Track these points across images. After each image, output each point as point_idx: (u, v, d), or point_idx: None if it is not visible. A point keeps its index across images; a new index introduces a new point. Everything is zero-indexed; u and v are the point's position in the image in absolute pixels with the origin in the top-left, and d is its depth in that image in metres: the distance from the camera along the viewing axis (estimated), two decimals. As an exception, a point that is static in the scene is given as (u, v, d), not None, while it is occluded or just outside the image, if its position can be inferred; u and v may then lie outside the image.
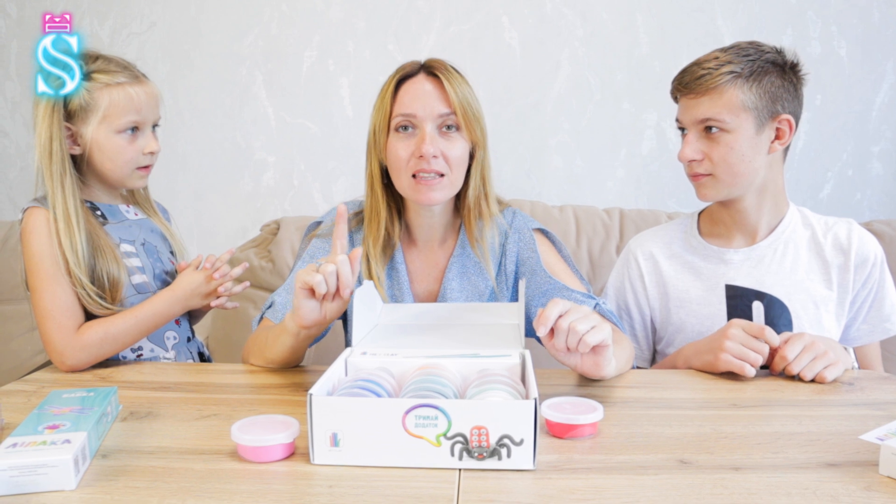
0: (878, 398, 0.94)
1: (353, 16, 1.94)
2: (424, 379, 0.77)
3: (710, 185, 1.16)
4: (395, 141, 1.10)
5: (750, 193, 1.18)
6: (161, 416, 0.87)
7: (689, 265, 1.25)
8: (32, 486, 0.65)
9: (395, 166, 1.10)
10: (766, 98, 1.11)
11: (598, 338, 0.82)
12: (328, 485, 0.67)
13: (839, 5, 1.88)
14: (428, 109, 1.08)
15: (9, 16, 2.01)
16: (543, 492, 0.66)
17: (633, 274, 1.29)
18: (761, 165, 1.15)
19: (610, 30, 1.92)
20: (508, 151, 1.96)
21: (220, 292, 1.17)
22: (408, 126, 1.09)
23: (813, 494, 0.65)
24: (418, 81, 1.10)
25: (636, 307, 1.29)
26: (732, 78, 1.10)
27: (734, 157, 1.12)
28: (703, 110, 1.12)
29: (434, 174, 1.08)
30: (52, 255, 1.07)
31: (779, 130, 1.14)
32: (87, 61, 1.10)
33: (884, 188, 1.96)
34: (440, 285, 1.20)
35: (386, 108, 1.10)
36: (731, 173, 1.14)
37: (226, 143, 2.01)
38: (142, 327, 1.12)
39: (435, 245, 1.22)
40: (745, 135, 1.11)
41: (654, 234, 1.32)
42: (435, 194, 1.09)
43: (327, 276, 0.87)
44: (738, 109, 1.10)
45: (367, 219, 1.18)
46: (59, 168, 1.08)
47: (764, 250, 1.21)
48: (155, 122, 1.18)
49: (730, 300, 1.20)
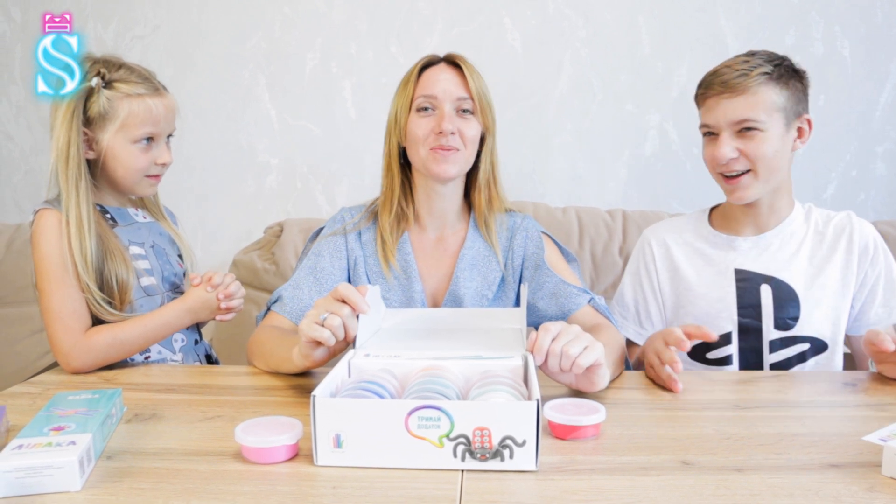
0: (882, 399, 0.94)
1: (356, 18, 1.95)
2: (427, 380, 0.78)
3: (748, 183, 1.21)
4: (416, 119, 1.18)
5: (767, 194, 1.24)
6: (165, 417, 0.87)
7: (699, 252, 1.31)
8: (38, 487, 0.65)
9: (414, 141, 1.18)
10: (793, 99, 1.18)
11: (590, 359, 0.85)
12: (331, 486, 0.67)
13: (842, 5, 1.88)
14: (448, 92, 1.17)
15: (13, 20, 2.02)
16: (546, 493, 0.66)
17: (648, 259, 1.35)
18: (788, 163, 1.22)
19: (612, 30, 1.92)
20: (511, 152, 1.95)
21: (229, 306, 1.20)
22: (428, 107, 1.18)
23: (815, 495, 0.65)
24: (440, 69, 1.20)
25: (651, 292, 1.34)
26: (766, 79, 1.16)
27: (769, 153, 1.18)
28: (741, 111, 1.17)
29: (451, 149, 1.16)
30: (62, 257, 1.08)
31: (800, 130, 1.21)
32: (109, 69, 1.11)
33: (887, 188, 1.96)
34: (451, 274, 1.23)
35: (409, 90, 1.19)
36: (769, 169, 1.19)
37: (229, 146, 2.02)
38: (149, 336, 1.13)
39: (445, 233, 1.26)
40: (777, 133, 1.18)
41: (666, 224, 1.40)
42: (450, 167, 1.17)
43: (335, 331, 0.86)
44: (771, 109, 1.17)
45: (384, 201, 1.24)
46: (74, 172, 1.09)
47: (771, 239, 1.27)
48: (170, 133, 1.19)
49: (739, 283, 1.26)
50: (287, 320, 1.16)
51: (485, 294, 1.23)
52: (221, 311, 1.19)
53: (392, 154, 1.23)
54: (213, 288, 1.17)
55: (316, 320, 0.87)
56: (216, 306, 1.18)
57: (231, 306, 1.19)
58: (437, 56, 1.22)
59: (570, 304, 1.17)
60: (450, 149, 1.16)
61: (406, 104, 1.19)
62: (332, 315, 0.87)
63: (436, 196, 1.23)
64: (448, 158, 1.16)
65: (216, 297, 1.17)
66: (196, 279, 1.19)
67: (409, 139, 1.19)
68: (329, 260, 1.22)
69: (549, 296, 1.19)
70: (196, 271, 1.31)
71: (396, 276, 1.22)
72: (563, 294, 1.18)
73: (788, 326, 1.24)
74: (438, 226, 1.26)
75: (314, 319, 0.87)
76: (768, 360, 1.24)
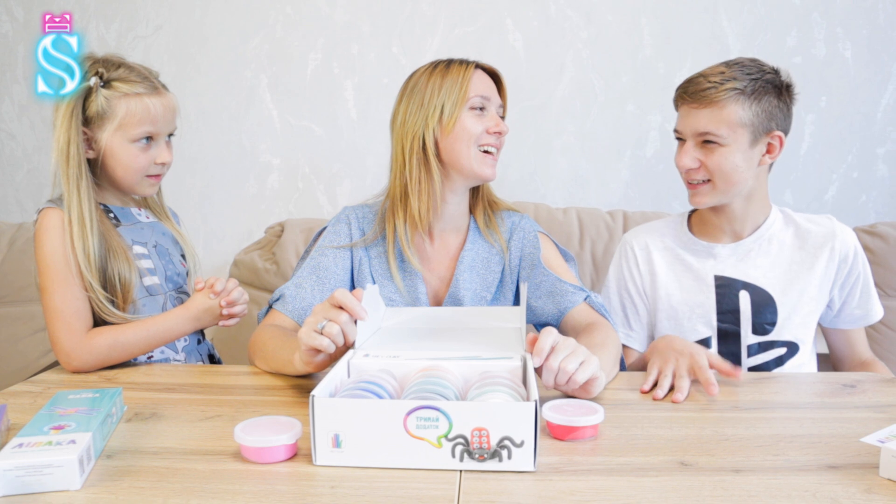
0: (880, 401, 0.94)
1: (358, 19, 1.95)
2: (426, 381, 0.78)
3: (706, 192, 1.24)
4: (470, 117, 1.19)
5: (738, 200, 1.26)
6: (165, 417, 0.88)
7: (679, 258, 1.33)
8: (38, 485, 0.66)
9: (465, 138, 1.18)
10: (762, 116, 1.18)
11: (587, 374, 0.86)
12: (330, 485, 0.67)
13: (844, 7, 1.88)
14: (494, 97, 1.22)
15: (16, 19, 2.03)
16: (544, 493, 0.66)
17: (631, 262, 1.36)
18: (751, 176, 1.23)
19: (614, 32, 1.92)
20: (513, 153, 1.96)
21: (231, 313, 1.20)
22: (483, 107, 1.20)
23: (813, 497, 0.65)
24: (483, 74, 1.23)
25: (637, 293, 1.36)
26: (735, 95, 1.17)
27: (728, 167, 1.19)
28: (703, 123, 1.18)
29: (496, 150, 1.21)
30: (65, 256, 1.08)
31: (770, 145, 1.22)
32: (108, 68, 1.11)
33: (889, 190, 1.95)
34: (451, 277, 1.24)
35: (464, 87, 1.18)
36: (726, 182, 1.21)
37: (231, 146, 2.02)
38: (151, 340, 1.14)
39: (447, 236, 1.26)
40: (739, 148, 1.19)
41: (647, 228, 1.41)
42: (494, 170, 1.22)
43: (334, 339, 0.87)
44: (735, 125, 1.17)
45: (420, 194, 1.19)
46: (75, 172, 1.09)
47: (749, 245, 1.29)
48: (170, 132, 1.19)
49: (718, 289, 1.29)
50: (289, 319, 1.16)
51: (483, 296, 1.24)
52: (224, 318, 1.20)
53: (429, 148, 1.18)
54: (216, 295, 1.17)
55: (314, 328, 0.87)
56: (219, 313, 1.19)
57: (233, 312, 1.19)
58: (482, 63, 1.24)
59: (566, 302, 1.18)
60: (495, 151, 1.21)
61: (459, 101, 1.17)
62: (331, 323, 0.87)
63: (451, 198, 1.23)
64: (493, 161, 1.21)
65: (219, 303, 1.18)
66: (200, 284, 1.19)
67: (457, 136, 1.18)
68: (332, 259, 1.22)
69: (545, 294, 1.20)
70: (199, 271, 1.31)
71: (402, 278, 1.22)
72: (560, 292, 1.19)
73: (766, 331, 1.26)
74: (441, 228, 1.26)
75: (312, 327, 0.87)
76: (746, 364, 1.27)
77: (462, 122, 1.18)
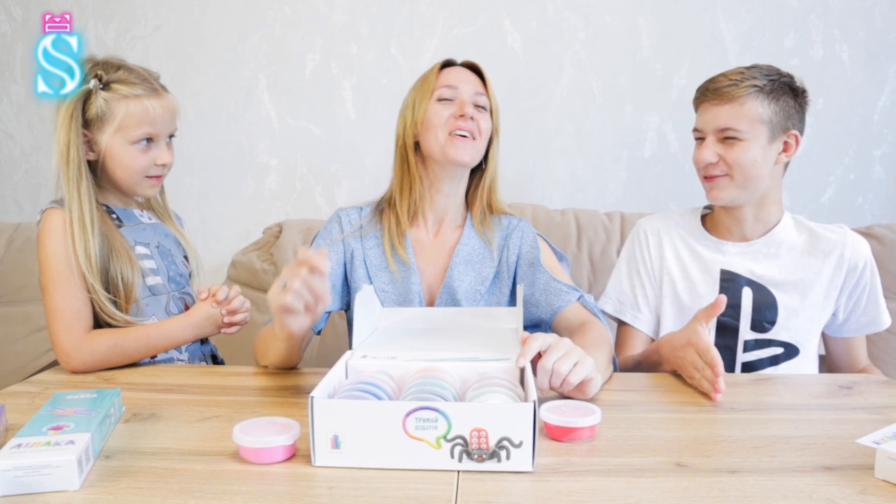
0: (876, 402, 0.95)
1: (357, 19, 1.95)
2: (424, 382, 0.78)
3: (725, 185, 1.26)
4: (437, 107, 1.22)
5: (751, 203, 1.28)
6: (164, 417, 0.88)
7: (689, 247, 1.36)
8: (36, 486, 0.66)
9: (432, 127, 1.21)
10: (780, 114, 1.22)
11: (581, 375, 0.86)
12: (329, 486, 0.68)
13: (841, 9, 1.89)
14: (467, 85, 1.23)
15: (14, 19, 2.03)
16: (542, 494, 0.66)
17: (643, 244, 1.39)
18: (767, 174, 1.25)
19: (612, 33, 1.93)
20: (511, 154, 1.96)
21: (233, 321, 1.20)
22: (449, 98, 1.22)
23: (809, 498, 0.65)
24: (459, 69, 1.26)
25: (647, 275, 1.38)
26: (755, 91, 1.21)
27: (747, 161, 1.22)
28: (724, 119, 1.22)
29: (469, 134, 1.20)
30: (67, 256, 1.09)
31: (786, 144, 1.25)
32: (107, 70, 1.11)
33: (885, 192, 1.96)
34: (446, 269, 1.25)
35: (430, 83, 1.23)
36: (744, 176, 1.23)
37: (229, 146, 2.02)
38: (151, 345, 1.14)
39: (443, 230, 1.28)
40: (759, 144, 1.22)
41: (662, 216, 1.44)
42: (466, 154, 1.20)
43: (299, 292, 0.84)
44: (754, 121, 1.21)
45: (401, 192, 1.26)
46: (75, 173, 1.10)
47: (759, 247, 1.31)
48: (170, 133, 1.19)
49: (723, 283, 1.31)
50: None
51: (478, 289, 1.25)
52: (225, 326, 1.20)
53: (408, 146, 1.24)
54: (218, 304, 1.18)
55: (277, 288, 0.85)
56: (220, 321, 1.19)
57: (235, 321, 1.20)
58: (454, 59, 1.28)
59: (559, 302, 1.19)
60: (466, 136, 1.20)
61: (426, 95, 1.22)
62: (291, 278, 0.84)
63: (440, 191, 1.26)
64: (465, 144, 1.20)
65: (220, 312, 1.18)
66: (203, 293, 1.19)
67: (426, 126, 1.22)
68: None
69: (539, 293, 1.21)
70: (201, 272, 1.32)
71: (397, 268, 1.23)
72: (553, 291, 1.20)
73: (765, 329, 1.28)
74: (437, 222, 1.29)
75: (276, 288, 0.85)
76: (741, 359, 1.28)
77: (428, 113, 1.22)
